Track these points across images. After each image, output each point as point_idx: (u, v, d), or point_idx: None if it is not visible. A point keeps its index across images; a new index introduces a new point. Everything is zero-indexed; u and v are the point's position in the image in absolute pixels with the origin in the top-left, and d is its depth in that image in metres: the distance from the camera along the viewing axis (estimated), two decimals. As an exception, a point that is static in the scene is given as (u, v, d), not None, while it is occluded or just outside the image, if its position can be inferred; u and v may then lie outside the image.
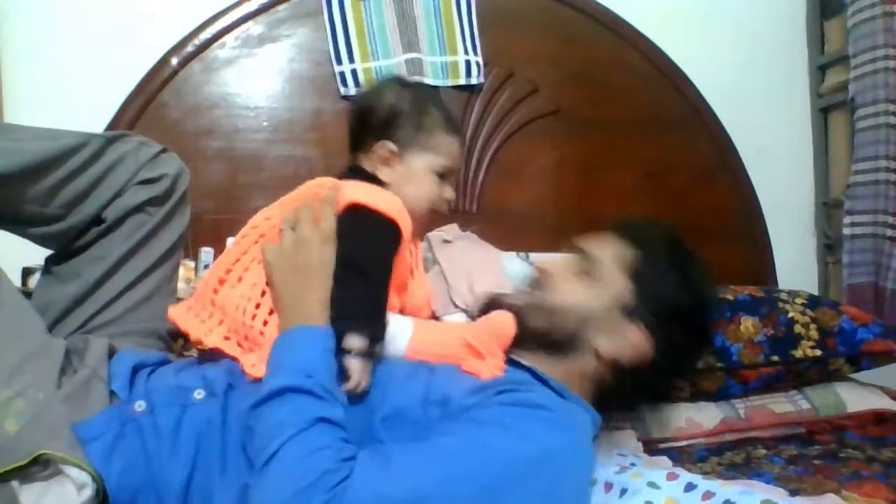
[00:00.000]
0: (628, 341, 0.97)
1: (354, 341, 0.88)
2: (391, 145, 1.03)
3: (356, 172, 1.06)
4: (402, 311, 1.04)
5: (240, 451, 0.85)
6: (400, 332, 0.99)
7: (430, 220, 1.08)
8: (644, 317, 0.97)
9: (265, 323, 0.94)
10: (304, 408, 0.80)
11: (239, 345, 0.96)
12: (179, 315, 1.01)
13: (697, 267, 1.04)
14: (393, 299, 0.99)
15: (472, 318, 1.49)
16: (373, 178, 1.04)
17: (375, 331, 0.91)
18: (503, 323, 1.00)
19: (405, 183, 1.03)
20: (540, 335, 0.99)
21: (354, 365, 0.87)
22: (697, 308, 1.00)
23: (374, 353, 0.91)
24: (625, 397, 0.98)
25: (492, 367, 0.94)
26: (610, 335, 0.97)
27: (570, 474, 0.85)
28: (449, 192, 1.08)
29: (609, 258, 1.01)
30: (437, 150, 1.05)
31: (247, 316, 0.95)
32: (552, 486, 0.81)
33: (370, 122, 1.06)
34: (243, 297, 0.96)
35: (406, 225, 0.98)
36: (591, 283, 1.00)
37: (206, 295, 1.00)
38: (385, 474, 0.76)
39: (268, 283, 0.95)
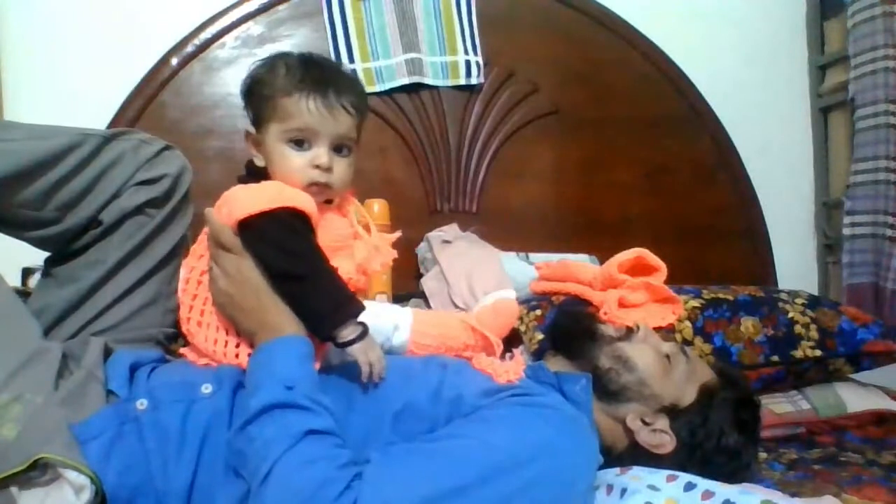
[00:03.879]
0: (654, 433, 0.98)
1: (347, 333, 0.88)
2: (250, 129, 0.99)
3: (247, 170, 1.02)
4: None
5: None
6: (401, 320, 0.99)
7: (316, 192, 0.95)
8: (682, 427, 0.99)
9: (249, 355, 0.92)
10: (290, 422, 0.79)
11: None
12: (189, 352, 1.00)
13: (754, 434, 1.05)
14: (343, 264, 0.95)
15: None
16: (260, 174, 0.99)
17: (353, 309, 0.89)
18: (507, 308, 1.00)
19: (269, 164, 0.96)
20: (597, 367, 1.01)
21: (358, 349, 0.88)
22: (728, 458, 1.00)
23: (366, 330, 0.90)
24: (625, 461, 0.99)
25: (509, 371, 0.95)
26: (645, 414, 0.99)
27: (580, 477, 0.86)
28: (321, 159, 0.93)
29: (697, 370, 1.04)
30: (279, 117, 0.94)
31: (228, 357, 0.93)
32: (563, 488, 0.82)
33: None
34: (212, 340, 0.95)
35: (297, 200, 0.91)
36: (669, 369, 1.01)
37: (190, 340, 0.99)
38: (394, 483, 0.76)
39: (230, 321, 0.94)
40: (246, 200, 0.92)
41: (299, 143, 0.94)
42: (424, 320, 1.02)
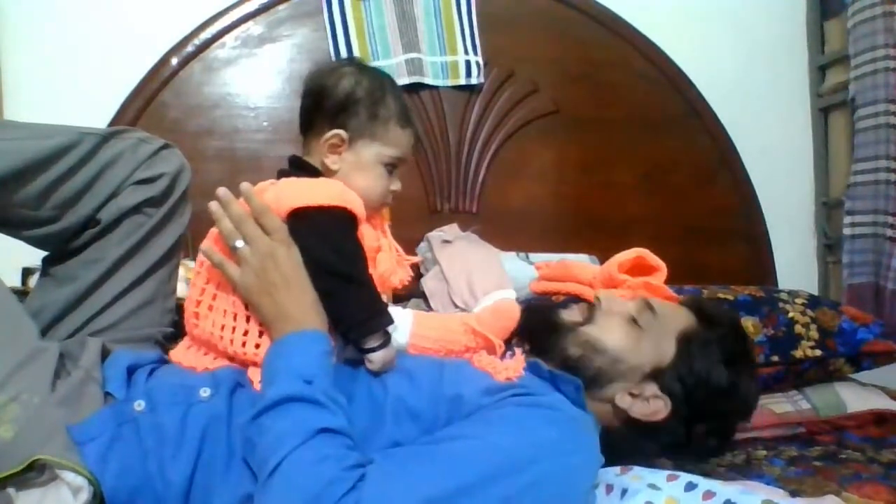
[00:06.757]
0: (648, 404, 0.97)
1: (373, 341, 0.91)
2: (343, 133, 0.99)
3: (295, 166, 1.03)
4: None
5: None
6: (400, 322, 0.99)
7: (377, 210, 1.04)
8: (674, 387, 0.97)
9: (258, 346, 0.93)
10: (306, 418, 0.79)
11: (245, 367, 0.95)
12: (183, 355, 0.99)
13: (746, 363, 1.02)
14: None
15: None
16: (312, 170, 1.01)
17: (385, 321, 0.92)
18: (508, 309, 0.99)
19: (353, 172, 1.00)
20: (567, 358, 1.00)
21: (379, 356, 0.91)
22: (727, 397, 0.98)
23: (389, 339, 0.93)
24: (626, 447, 0.98)
25: (509, 369, 0.94)
26: (633, 391, 0.98)
27: (582, 477, 0.86)
28: (396, 185, 1.04)
29: (670, 322, 1.01)
30: (387, 141, 1.01)
31: (235, 345, 0.93)
32: (565, 488, 0.82)
33: (323, 106, 1.01)
34: (219, 326, 0.94)
35: (355, 204, 0.95)
36: (640, 335, 0.99)
37: (191, 332, 0.99)
38: (397, 484, 0.75)
39: (248, 306, 0.93)
40: (305, 191, 0.94)
41: (391, 167, 1.03)
42: (424, 323, 1.02)
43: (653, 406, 0.96)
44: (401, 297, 1.67)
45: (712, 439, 1.01)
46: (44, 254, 1.11)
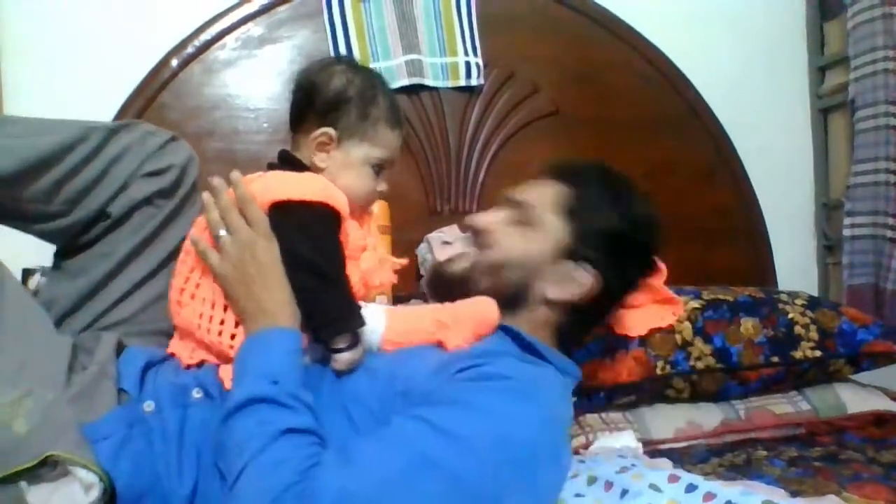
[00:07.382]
0: (575, 282, 0.98)
1: (342, 342, 0.90)
2: (332, 132, 0.99)
3: (284, 161, 1.03)
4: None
5: None
6: (373, 325, 0.96)
7: (364, 209, 1.04)
8: (587, 253, 0.99)
9: (233, 336, 0.92)
10: (269, 419, 0.78)
11: (220, 359, 0.95)
12: (175, 345, 1.00)
13: (629, 191, 1.05)
14: (349, 269, 0.96)
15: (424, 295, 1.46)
16: (301, 165, 1.00)
17: (356, 323, 0.91)
18: (485, 310, 0.97)
19: (340, 171, 0.99)
20: (488, 291, 0.99)
21: (346, 358, 0.90)
22: (635, 229, 1.02)
23: (358, 341, 0.92)
24: (587, 329, 1.01)
25: (458, 338, 0.93)
26: (557, 280, 0.99)
27: (539, 446, 0.81)
28: (383, 186, 1.04)
29: (543, 202, 1.03)
30: (376, 142, 1.01)
31: (212, 334, 0.93)
32: (521, 462, 0.78)
33: (314, 103, 1.00)
34: (198, 314, 0.94)
35: (339, 201, 0.94)
36: (530, 231, 1.01)
37: (174, 320, 0.98)
38: (347, 471, 0.73)
39: (226, 296, 0.92)
40: (290, 185, 0.94)
41: (378, 169, 1.02)
42: (398, 329, 0.97)
43: (581, 281, 0.98)
44: (401, 298, 1.67)
45: (645, 270, 1.07)
46: (44, 255, 1.11)
